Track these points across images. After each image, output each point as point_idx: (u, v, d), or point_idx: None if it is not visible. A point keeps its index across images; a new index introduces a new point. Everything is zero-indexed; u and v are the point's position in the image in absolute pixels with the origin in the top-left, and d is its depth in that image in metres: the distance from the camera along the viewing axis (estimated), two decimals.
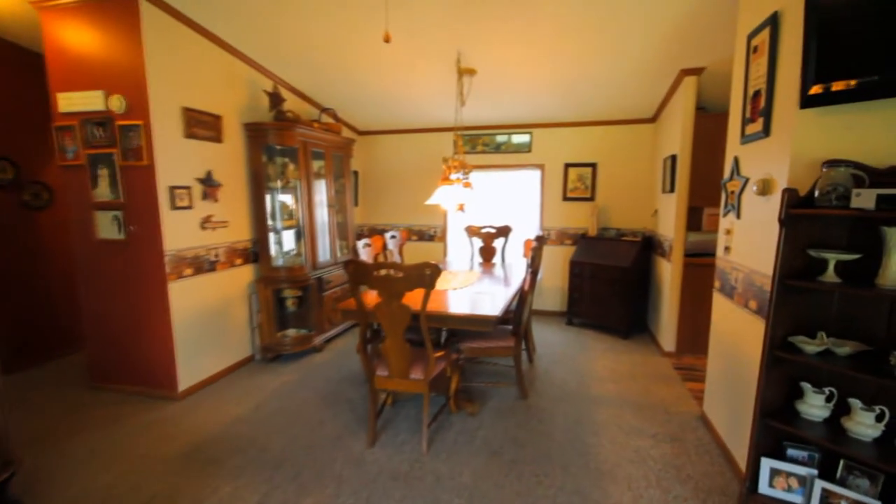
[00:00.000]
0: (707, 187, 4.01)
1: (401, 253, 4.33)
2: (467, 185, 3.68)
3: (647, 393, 3.26)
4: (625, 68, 3.65)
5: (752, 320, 2.19)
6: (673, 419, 2.87)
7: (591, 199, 5.10)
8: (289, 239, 4.04)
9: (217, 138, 3.39)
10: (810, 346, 1.69)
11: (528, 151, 5.23)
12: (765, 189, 2.08)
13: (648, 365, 3.77)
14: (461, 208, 3.53)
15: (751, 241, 2.30)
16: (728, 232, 2.60)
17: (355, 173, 5.65)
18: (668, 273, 4.00)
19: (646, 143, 4.89)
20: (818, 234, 1.72)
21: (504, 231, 4.88)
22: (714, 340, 2.82)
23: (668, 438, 2.65)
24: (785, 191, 1.67)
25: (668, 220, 4.10)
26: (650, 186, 4.91)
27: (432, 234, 5.72)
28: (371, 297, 2.80)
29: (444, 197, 3.18)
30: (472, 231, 4.97)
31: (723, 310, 2.67)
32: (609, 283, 4.52)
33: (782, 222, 1.67)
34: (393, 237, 4.18)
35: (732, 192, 2.54)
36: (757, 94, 2.23)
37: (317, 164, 4.28)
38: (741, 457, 2.27)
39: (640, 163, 4.93)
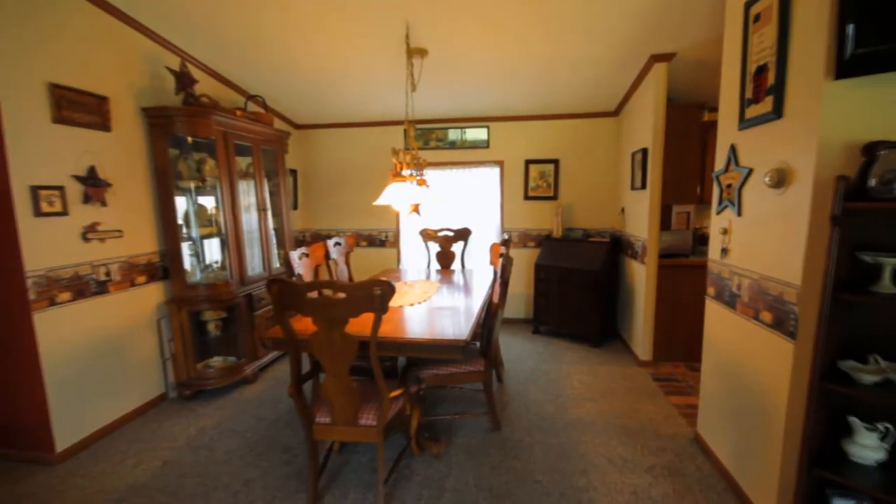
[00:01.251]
0: (677, 184, 3.77)
1: (347, 262, 3.75)
2: (422, 182, 3.18)
3: (632, 412, 2.91)
4: (590, 54, 3.31)
5: (768, 337, 1.86)
6: (666, 445, 2.53)
7: (555, 197, 4.77)
8: (211, 249, 3.35)
9: (103, 125, 2.67)
10: (866, 376, 1.35)
11: (485, 147, 4.82)
12: (780, 180, 1.75)
13: (626, 377, 3.45)
14: (415, 209, 3.02)
15: (758, 241, 1.97)
16: (725, 232, 2.28)
17: (293, 172, 4.98)
18: (641, 276, 3.71)
19: (609, 138, 4.63)
20: (869, 233, 1.39)
21: (463, 234, 4.43)
22: (708, 354, 2.50)
23: (666, 472, 2.29)
24: (839, 179, 1.32)
25: (639, 219, 3.82)
26: (615, 183, 4.65)
27: (383, 239, 5.17)
28: (306, 323, 2.23)
29: (395, 196, 2.67)
30: (427, 235, 4.48)
31: (720, 320, 2.35)
32: (577, 287, 4.19)
33: (835, 219, 1.32)
34: (338, 244, 3.59)
35: (729, 186, 2.23)
36: (761, 69, 1.91)
37: (244, 162, 3.62)
38: (755, 492, 1.94)
39: (603, 159, 4.66)
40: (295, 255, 2.67)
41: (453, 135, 4.84)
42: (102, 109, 2.66)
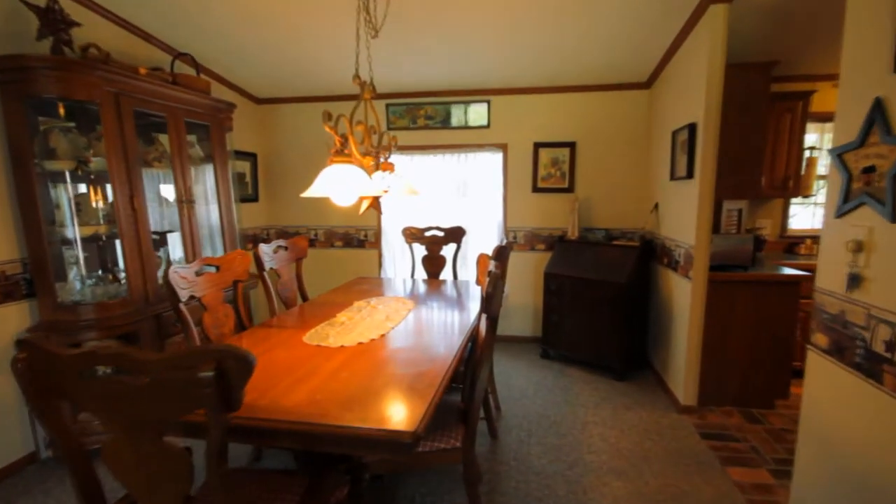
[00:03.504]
0: (734, 171, 2.84)
1: (299, 274, 2.89)
2: (387, 167, 2.30)
3: (679, 497, 2.02)
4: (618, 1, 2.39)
5: None
6: None
7: (570, 189, 3.84)
8: (103, 255, 2.51)
9: None
10: None
11: (485, 127, 3.90)
12: None
13: (663, 431, 2.55)
14: (374, 204, 2.14)
15: None
16: (860, 248, 1.36)
17: (251, 156, 4.12)
18: (684, 293, 2.79)
19: (639, 115, 3.68)
20: None
21: (455, 235, 3.54)
22: (809, 435, 1.60)
23: None
24: None
25: (681, 218, 2.89)
26: (647, 172, 3.71)
27: (362, 239, 4.29)
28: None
29: (335, 185, 1.78)
30: (411, 235, 3.60)
31: (838, 391, 1.44)
32: (597, 303, 3.28)
33: None
34: (282, 248, 2.73)
35: (870, 171, 1.30)
36: None
37: (169, 140, 2.76)
38: None
39: (632, 141, 3.71)
40: (178, 273, 1.79)
41: (445, 111, 3.93)
42: None
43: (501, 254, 2.21)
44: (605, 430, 2.55)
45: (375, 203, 2.13)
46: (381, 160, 2.28)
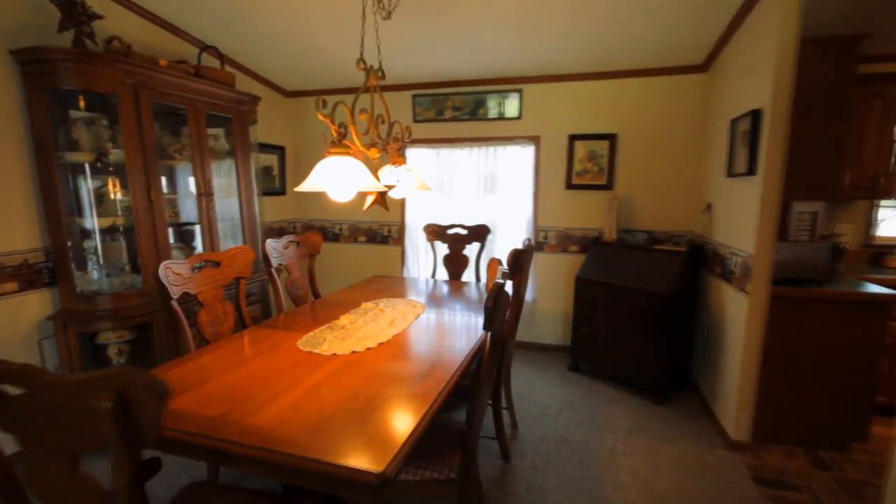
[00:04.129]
0: (807, 168, 2.42)
1: (312, 272, 2.79)
2: (398, 161, 2.13)
3: None
4: None
5: None
6: None
7: (608, 186, 3.50)
8: (124, 247, 2.52)
9: None
10: None
11: (516, 118, 3.64)
12: None
13: (708, 471, 2.21)
14: (379, 201, 1.98)
15: None
16: None
17: (280, 149, 4.10)
18: (739, 310, 2.42)
19: (692, 103, 3.27)
20: None
21: (479, 233, 3.34)
22: None
23: None
24: None
25: (739, 221, 2.51)
26: (699, 168, 3.30)
27: (386, 235, 4.17)
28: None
29: (329, 179, 1.63)
30: (432, 232, 3.43)
31: None
32: (635, 314, 2.95)
33: None
34: (294, 244, 2.65)
35: None
36: None
37: (189, 132, 2.75)
38: None
39: (682, 132, 3.31)
40: (172, 268, 1.71)
41: (474, 102, 3.70)
42: None
43: (518, 260, 1.97)
44: (636, 463, 2.26)
45: (381, 199, 1.97)
46: (397, 153, 2.11)
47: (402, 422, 1.24)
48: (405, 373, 1.56)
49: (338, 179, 1.63)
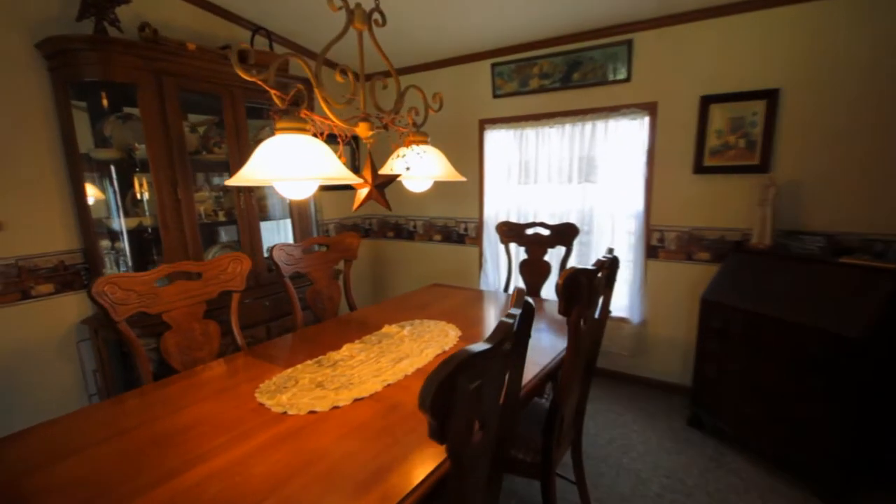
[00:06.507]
0: None
1: (346, 280, 2.37)
2: (415, 140, 1.55)
3: None
4: None
5: None
6: None
7: (762, 168, 2.40)
8: (153, 247, 2.40)
9: None
10: None
11: (624, 80, 2.73)
12: None
13: None
14: (374, 196, 1.43)
15: None
16: None
17: (353, 139, 3.80)
18: None
19: None
20: None
21: (563, 234, 2.58)
22: None
23: None
24: None
25: None
26: None
27: (462, 233, 3.61)
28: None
29: (274, 167, 1.13)
30: (505, 232, 2.77)
31: None
32: (803, 364, 1.91)
33: None
34: (322, 248, 2.25)
35: None
36: None
37: (225, 120, 2.54)
38: None
39: (892, 85, 2.08)
40: (115, 284, 1.38)
41: (565, 65, 2.88)
42: None
43: (576, 285, 1.23)
44: None
45: (377, 195, 1.42)
46: (409, 133, 1.55)
47: None
48: (352, 466, 0.99)
49: (282, 168, 1.12)
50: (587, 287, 1.32)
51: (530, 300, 1.02)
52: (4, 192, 1.99)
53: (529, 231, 2.71)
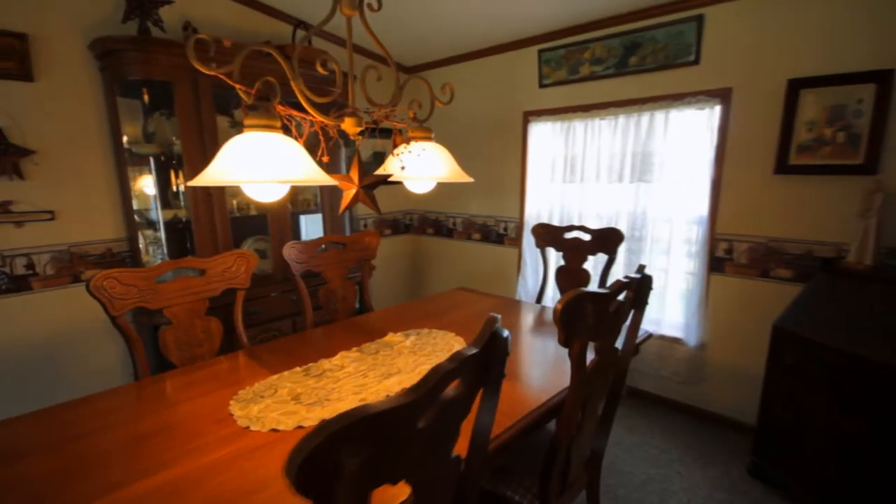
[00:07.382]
0: None
1: (364, 280, 2.29)
2: (417, 136, 1.41)
3: None
4: None
5: None
6: None
7: (867, 168, 1.92)
8: (187, 239, 2.50)
9: (21, 72, 2.02)
10: None
11: (691, 62, 2.35)
12: None
13: None
14: (361, 198, 1.30)
15: None
16: None
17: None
18: None
19: None
20: None
21: (605, 240, 2.30)
22: None
23: None
24: None
25: None
26: None
27: (502, 233, 3.39)
28: None
29: (239, 168, 1.05)
30: (542, 235, 2.54)
31: None
32: None
33: None
34: (337, 246, 2.18)
35: None
36: None
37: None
38: None
39: None
40: (114, 279, 1.40)
41: (621, 48, 2.55)
42: (20, 51, 2.01)
43: (576, 311, 1.01)
44: None
45: (364, 197, 1.29)
46: (400, 132, 1.41)
47: None
48: None
49: (248, 169, 1.03)
50: (594, 315, 1.09)
51: (505, 333, 0.84)
52: (60, 183, 2.16)
53: (568, 235, 2.45)
